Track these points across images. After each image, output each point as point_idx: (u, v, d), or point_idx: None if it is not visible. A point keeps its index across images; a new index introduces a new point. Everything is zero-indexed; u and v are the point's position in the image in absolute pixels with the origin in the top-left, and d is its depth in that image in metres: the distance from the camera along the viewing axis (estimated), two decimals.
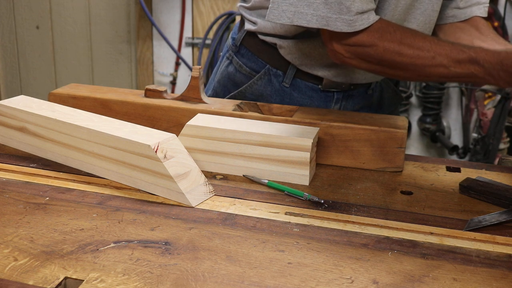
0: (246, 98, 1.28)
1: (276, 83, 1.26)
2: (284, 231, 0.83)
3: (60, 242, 0.77)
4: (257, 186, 0.98)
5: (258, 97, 1.28)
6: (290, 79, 1.24)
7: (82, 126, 0.98)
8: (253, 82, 1.27)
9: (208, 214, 0.87)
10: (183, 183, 0.90)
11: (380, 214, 0.89)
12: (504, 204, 0.93)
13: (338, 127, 1.06)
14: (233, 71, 1.31)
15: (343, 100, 1.27)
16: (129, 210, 0.87)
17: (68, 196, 0.91)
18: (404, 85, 2.90)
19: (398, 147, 1.04)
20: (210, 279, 0.70)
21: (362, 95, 1.29)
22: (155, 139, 0.91)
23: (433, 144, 2.99)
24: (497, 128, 2.53)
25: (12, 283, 0.68)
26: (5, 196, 0.90)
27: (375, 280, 0.71)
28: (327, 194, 0.96)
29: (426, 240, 0.82)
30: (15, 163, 1.03)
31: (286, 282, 0.70)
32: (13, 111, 1.07)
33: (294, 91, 1.26)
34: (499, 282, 0.72)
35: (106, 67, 3.14)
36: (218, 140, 1.01)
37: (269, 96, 1.27)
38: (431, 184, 1.02)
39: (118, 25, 3.05)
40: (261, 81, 1.27)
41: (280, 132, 0.99)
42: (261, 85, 1.27)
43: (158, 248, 0.77)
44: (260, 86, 1.27)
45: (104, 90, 1.23)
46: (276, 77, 1.25)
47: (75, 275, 0.70)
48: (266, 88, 1.27)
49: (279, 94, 1.26)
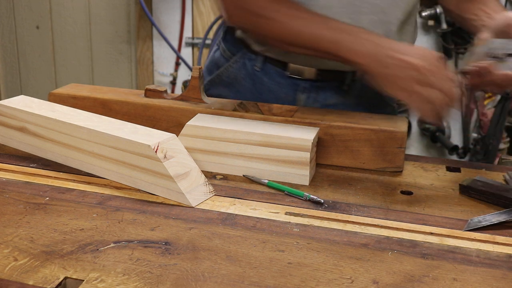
0: (223, 82, 1.30)
1: (249, 67, 1.27)
2: (284, 231, 0.83)
3: (60, 242, 0.77)
4: (257, 186, 0.98)
5: (233, 80, 1.29)
6: (261, 63, 1.25)
7: (82, 126, 0.98)
8: (229, 65, 1.29)
9: (208, 214, 0.87)
10: (183, 183, 0.90)
11: (380, 214, 0.89)
12: (504, 204, 0.93)
13: (338, 127, 1.06)
14: (218, 56, 1.34)
15: (312, 91, 1.24)
16: (129, 210, 0.87)
17: (68, 196, 0.91)
18: None
19: (398, 147, 1.04)
20: (210, 279, 0.70)
21: (335, 90, 1.25)
22: (155, 139, 0.91)
23: (433, 144, 2.99)
24: (497, 128, 2.53)
25: (12, 283, 0.68)
26: (5, 196, 0.90)
27: (375, 280, 0.71)
28: (327, 194, 0.96)
29: (426, 240, 0.82)
30: (15, 163, 1.03)
31: (286, 282, 0.70)
32: (13, 111, 1.07)
33: (264, 76, 1.26)
34: (499, 282, 0.72)
35: (106, 67, 3.14)
36: (218, 140, 1.01)
37: (242, 79, 1.28)
38: (431, 184, 1.02)
39: (118, 25, 3.05)
40: (237, 64, 1.29)
41: (280, 132, 0.99)
42: (236, 68, 1.29)
43: (158, 248, 0.77)
44: (235, 69, 1.29)
45: (104, 90, 1.23)
46: (250, 60, 1.27)
47: (75, 275, 0.70)
48: (240, 71, 1.28)
49: (251, 78, 1.27)
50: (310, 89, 1.24)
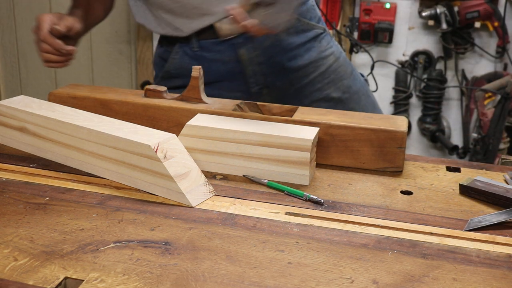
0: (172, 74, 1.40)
1: (189, 52, 1.37)
2: (284, 231, 0.83)
3: (60, 242, 0.77)
4: (257, 186, 0.98)
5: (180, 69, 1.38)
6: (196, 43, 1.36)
7: (82, 126, 0.98)
8: (172, 58, 1.39)
9: (208, 214, 0.87)
10: (183, 183, 0.90)
11: (380, 214, 0.89)
12: (504, 204, 0.93)
13: (338, 127, 1.06)
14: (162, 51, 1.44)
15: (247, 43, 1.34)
16: (129, 210, 0.87)
17: (68, 196, 0.91)
18: (404, 85, 2.91)
19: (398, 147, 1.04)
20: (210, 279, 0.70)
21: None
22: (155, 139, 0.91)
23: (433, 144, 2.99)
24: (497, 128, 2.53)
25: (12, 283, 0.68)
26: (5, 196, 0.90)
27: (375, 280, 0.71)
28: (327, 194, 0.96)
29: (426, 240, 0.82)
30: (15, 163, 1.03)
31: (286, 282, 0.70)
32: (13, 111, 1.07)
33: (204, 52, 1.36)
34: (499, 282, 0.72)
35: (106, 67, 3.14)
36: (218, 140, 1.01)
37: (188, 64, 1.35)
38: (431, 184, 1.02)
39: (118, 25, 3.05)
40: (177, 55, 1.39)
41: (280, 132, 0.99)
42: (178, 58, 1.38)
43: (158, 248, 0.77)
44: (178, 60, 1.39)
45: (104, 90, 1.23)
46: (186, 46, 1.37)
47: (75, 275, 0.70)
48: (184, 59, 1.38)
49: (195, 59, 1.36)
50: (244, 42, 1.34)
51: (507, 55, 2.75)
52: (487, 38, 2.80)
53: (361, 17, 2.84)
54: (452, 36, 2.78)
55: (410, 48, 2.88)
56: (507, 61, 2.78)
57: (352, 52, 2.83)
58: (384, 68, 2.91)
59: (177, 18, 1.34)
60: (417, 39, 2.86)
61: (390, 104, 2.97)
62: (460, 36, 2.77)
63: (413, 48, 2.88)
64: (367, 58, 2.84)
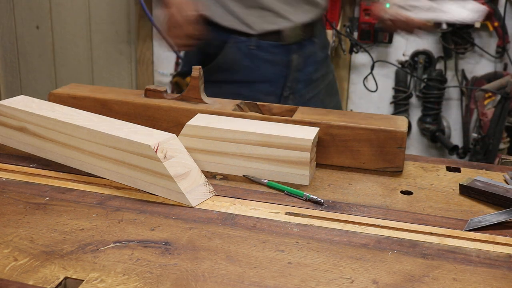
0: (220, 68, 1.43)
1: (244, 48, 1.41)
2: (284, 231, 0.83)
3: (60, 242, 0.77)
4: (257, 186, 0.98)
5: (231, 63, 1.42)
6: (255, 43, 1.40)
7: (82, 126, 0.98)
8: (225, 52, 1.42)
9: (208, 214, 0.87)
10: (183, 183, 0.90)
11: (380, 214, 0.89)
12: (504, 204, 0.93)
13: (338, 127, 1.06)
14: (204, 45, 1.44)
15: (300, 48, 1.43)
16: (129, 210, 0.87)
17: (68, 196, 0.91)
18: (404, 85, 2.91)
19: (398, 147, 1.04)
20: (210, 279, 0.70)
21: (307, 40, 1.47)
22: (155, 139, 0.91)
23: (433, 144, 2.99)
24: (497, 128, 2.53)
25: (12, 283, 0.68)
26: (5, 196, 0.90)
27: (375, 280, 0.71)
28: (327, 194, 0.96)
29: (426, 240, 0.82)
30: (15, 163, 1.03)
31: (286, 282, 0.70)
32: (13, 111, 1.07)
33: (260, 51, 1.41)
34: (499, 282, 0.72)
35: (106, 67, 3.14)
36: (218, 140, 1.01)
37: (239, 60, 1.40)
38: (431, 184, 1.02)
39: (118, 25, 3.05)
40: (231, 49, 1.42)
41: (280, 132, 0.99)
42: (232, 52, 1.42)
43: (158, 248, 0.77)
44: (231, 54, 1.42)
45: (104, 90, 1.23)
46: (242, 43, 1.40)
47: (75, 275, 0.70)
48: (236, 55, 1.41)
49: (248, 57, 1.41)
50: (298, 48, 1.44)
51: (507, 55, 2.75)
52: (487, 38, 2.80)
53: (361, 17, 2.84)
54: (452, 36, 2.78)
55: (410, 48, 2.88)
56: (507, 61, 2.78)
57: (352, 52, 2.83)
58: (384, 68, 2.91)
59: (251, 16, 1.39)
60: (417, 39, 2.86)
61: (390, 104, 2.97)
62: (460, 36, 2.77)
63: (413, 48, 2.88)
64: (367, 58, 2.84)
